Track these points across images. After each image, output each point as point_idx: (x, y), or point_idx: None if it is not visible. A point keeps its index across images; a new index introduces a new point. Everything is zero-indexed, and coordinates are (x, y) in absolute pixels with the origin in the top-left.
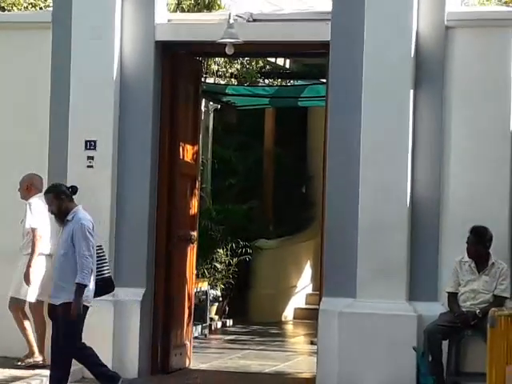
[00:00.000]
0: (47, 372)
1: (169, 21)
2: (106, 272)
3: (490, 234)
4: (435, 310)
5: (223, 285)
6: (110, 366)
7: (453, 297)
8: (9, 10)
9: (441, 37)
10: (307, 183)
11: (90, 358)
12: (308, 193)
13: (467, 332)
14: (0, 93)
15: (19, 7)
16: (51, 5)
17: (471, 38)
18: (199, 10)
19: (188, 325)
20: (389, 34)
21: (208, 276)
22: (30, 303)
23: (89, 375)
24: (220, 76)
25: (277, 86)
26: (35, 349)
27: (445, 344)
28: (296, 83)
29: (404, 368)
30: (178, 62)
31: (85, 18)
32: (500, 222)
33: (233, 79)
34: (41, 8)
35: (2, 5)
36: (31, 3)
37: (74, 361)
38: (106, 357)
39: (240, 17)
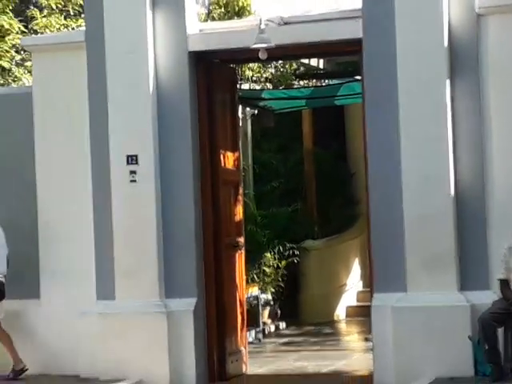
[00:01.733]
0: None
1: (200, 30)
2: None
3: None
4: (488, 298)
5: (273, 288)
6: (167, 377)
7: (504, 284)
8: (41, 33)
9: (473, 24)
10: (349, 181)
11: None
12: (351, 190)
13: None
14: (41, 112)
15: (52, 29)
16: (83, 24)
17: (503, 24)
18: (230, 18)
19: (242, 330)
20: (420, 26)
21: (258, 280)
22: None
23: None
24: (255, 81)
25: (312, 86)
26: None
27: (500, 332)
28: (331, 82)
29: (461, 358)
30: (212, 70)
31: (117, 34)
32: None
33: (268, 83)
34: (73, 28)
35: (35, 28)
36: (63, 24)
37: None
38: (163, 368)
39: (271, 21)
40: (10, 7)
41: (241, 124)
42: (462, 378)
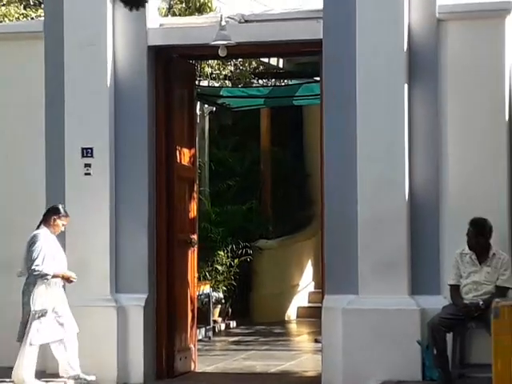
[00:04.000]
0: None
1: (161, 25)
2: None
3: (490, 225)
4: (438, 303)
5: (225, 287)
6: (114, 372)
7: (455, 289)
8: (0, 21)
9: (433, 30)
10: (305, 181)
11: None
12: (307, 191)
13: (471, 324)
14: (2, 106)
15: (11, 18)
16: (42, 15)
17: (463, 30)
18: (190, 14)
19: (192, 328)
20: (381, 29)
21: (210, 278)
22: None
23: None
24: (214, 78)
25: (271, 85)
26: None
27: (449, 337)
28: (290, 82)
29: (409, 362)
30: (171, 66)
31: (76, 26)
32: (499, 212)
33: (227, 81)
34: (32, 18)
35: None
36: (22, 14)
37: None
38: (110, 363)
39: (232, 18)
40: None
41: (198, 121)
42: (410, 382)
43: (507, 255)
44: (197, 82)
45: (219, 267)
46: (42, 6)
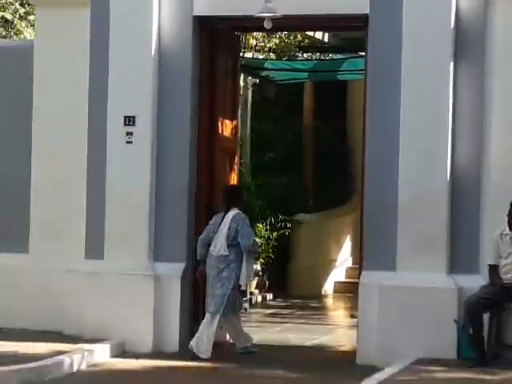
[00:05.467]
0: (88, 346)
1: None
2: None
3: None
4: (476, 282)
5: (263, 259)
6: (150, 340)
7: (494, 269)
8: None
9: (481, 7)
10: (347, 157)
11: None
12: (348, 166)
13: (509, 304)
14: (41, 67)
15: None
16: None
17: (510, 10)
18: None
19: None
20: (428, 7)
21: None
22: None
23: (131, 349)
24: (258, 50)
25: (315, 60)
26: None
27: (486, 317)
28: (335, 57)
29: (445, 340)
30: (216, 36)
31: None
32: None
33: (271, 53)
34: None
35: None
36: None
37: None
38: (147, 331)
39: None
40: None
41: (241, 92)
42: (445, 360)
43: None
44: (241, 54)
45: (258, 239)
46: None
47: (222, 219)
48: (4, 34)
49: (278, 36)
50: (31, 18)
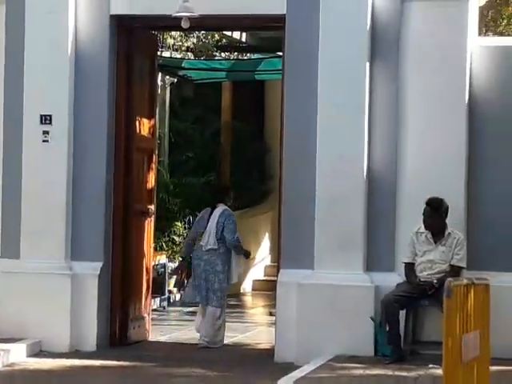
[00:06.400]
0: (4, 346)
1: None
2: None
3: (446, 205)
4: (392, 280)
5: (181, 257)
6: (67, 339)
7: (410, 267)
8: None
9: (397, 9)
10: (264, 156)
11: None
12: (265, 166)
13: (424, 302)
14: None
15: None
16: None
17: (427, 10)
18: None
19: (146, 297)
20: (345, 6)
21: (166, 249)
22: None
23: (48, 348)
24: (176, 50)
25: (233, 59)
26: None
27: (402, 314)
28: (253, 57)
29: (362, 338)
30: (133, 35)
31: None
32: (456, 193)
33: (189, 53)
34: None
35: None
36: None
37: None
38: (63, 331)
39: None
40: None
41: (159, 92)
42: (362, 357)
43: (462, 235)
44: (159, 53)
45: (176, 238)
46: None
47: (209, 214)
48: None
49: (195, 35)
50: None
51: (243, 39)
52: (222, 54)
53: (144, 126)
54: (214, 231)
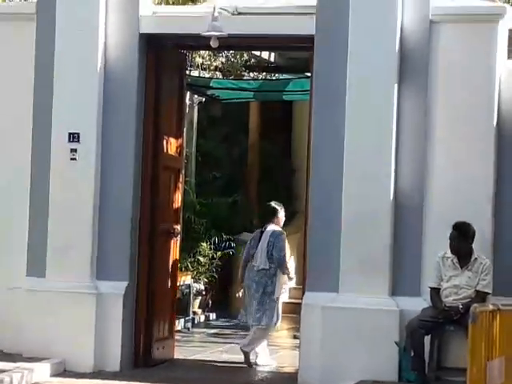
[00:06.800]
0: (28, 365)
1: (154, 13)
2: None
3: (473, 229)
4: (417, 305)
5: (206, 278)
6: (91, 359)
7: (435, 292)
8: None
9: (425, 31)
10: (291, 177)
11: None
12: (292, 186)
13: (449, 327)
14: None
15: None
16: None
17: (456, 33)
18: (184, 3)
19: (171, 318)
20: (373, 29)
21: (191, 269)
22: None
23: (72, 368)
24: (205, 69)
25: (261, 79)
26: None
27: (427, 339)
28: (281, 77)
29: (386, 362)
30: (162, 54)
31: (69, 9)
32: (483, 217)
33: (217, 72)
34: (25, 0)
35: None
36: None
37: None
38: (88, 350)
39: (225, 10)
40: None
41: (187, 111)
42: (386, 383)
43: (488, 260)
44: (187, 72)
45: (201, 259)
46: None
47: (260, 235)
48: None
49: (224, 55)
50: None
51: (272, 59)
52: (251, 74)
53: (171, 145)
54: (266, 251)
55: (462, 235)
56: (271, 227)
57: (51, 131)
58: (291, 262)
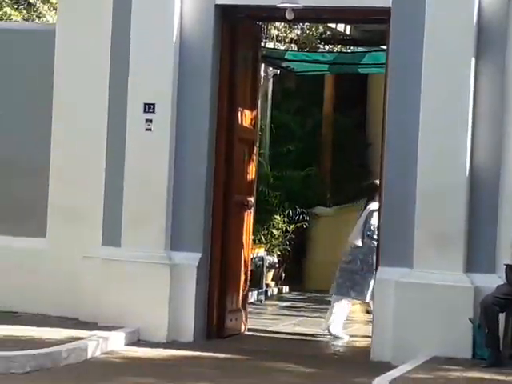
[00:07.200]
0: (103, 333)
1: None
2: None
3: None
4: (492, 281)
5: (280, 251)
6: (165, 329)
7: (511, 269)
8: None
9: (503, 4)
10: (366, 151)
11: None
12: (366, 161)
13: None
14: (63, 51)
15: None
16: None
17: None
18: None
19: (244, 290)
20: (451, 1)
21: (265, 242)
22: None
23: (146, 338)
24: (280, 41)
25: (337, 52)
26: None
27: (501, 316)
28: (356, 50)
29: (460, 339)
30: (237, 26)
31: None
32: None
33: (292, 44)
34: None
35: None
36: None
37: None
38: (162, 320)
39: None
40: None
41: (262, 83)
42: (459, 360)
43: None
44: (262, 44)
45: (275, 231)
46: None
47: (361, 213)
48: (27, 16)
49: (299, 27)
50: (53, 0)
51: (347, 32)
52: (326, 47)
53: (246, 117)
54: (360, 229)
55: None
56: (371, 205)
57: (127, 102)
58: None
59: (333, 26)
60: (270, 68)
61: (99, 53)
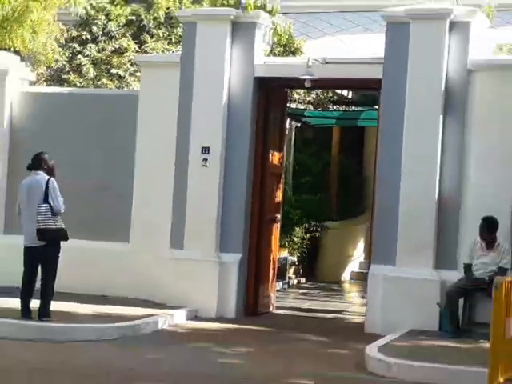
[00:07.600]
0: (170, 311)
1: (264, 62)
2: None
3: (497, 221)
4: (454, 276)
5: (299, 253)
6: (214, 309)
7: (468, 267)
8: (150, 53)
9: (464, 77)
10: (363, 182)
11: None
12: (363, 189)
13: (478, 293)
14: (144, 112)
15: (157, 51)
16: (180, 49)
17: (489, 79)
18: (287, 55)
19: (272, 281)
20: (425, 76)
21: (287, 246)
22: None
23: (201, 315)
24: (300, 102)
25: (342, 110)
26: None
27: (461, 302)
28: (356, 109)
29: (430, 318)
30: (270, 92)
31: (204, 60)
32: (504, 213)
33: (310, 105)
34: (173, 51)
35: (146, 49)
36: (166, 48)
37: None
38: (212, 302)
39: (316, 60)
40: (130, 32)
41: (287, 133)
42: (430, 332)
43: (508, 245)
44: (288, 104)
45: (295, 239)
46: (181, 43)
47: None
48: (118, 86)
49: (315, 92)
50: (138, 74)
51: (349, 96)
52: (334, 107)
53: (275, 157)
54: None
55: (489, 226)
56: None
57: (189, 146)
58: None
59: (339, 91)
60: (293, 122)
61: (170, 113)
